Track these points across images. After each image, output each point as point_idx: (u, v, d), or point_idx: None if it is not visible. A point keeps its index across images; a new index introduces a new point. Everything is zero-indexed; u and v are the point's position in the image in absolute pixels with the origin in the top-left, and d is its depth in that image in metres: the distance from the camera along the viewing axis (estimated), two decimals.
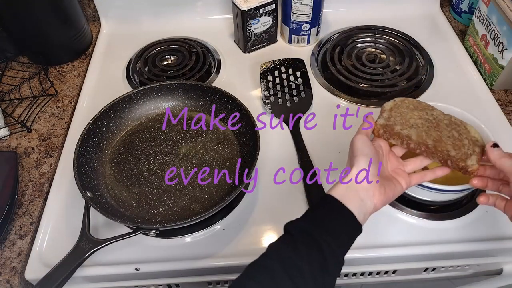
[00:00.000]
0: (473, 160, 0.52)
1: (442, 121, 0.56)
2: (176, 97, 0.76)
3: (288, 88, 0.81)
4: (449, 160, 0.53)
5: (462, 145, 0.54)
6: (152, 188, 0.66)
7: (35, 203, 0.67)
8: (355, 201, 0.47)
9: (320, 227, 0.45)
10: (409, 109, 0.57)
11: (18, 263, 0.61)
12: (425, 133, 0.54)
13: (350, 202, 0.47)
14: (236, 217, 0.65)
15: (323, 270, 0.43)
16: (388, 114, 0.56)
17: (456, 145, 0.53)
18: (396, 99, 0.58)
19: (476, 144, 0.54)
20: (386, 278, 0.68)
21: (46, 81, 0.86)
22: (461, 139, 0.54)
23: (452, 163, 0.53)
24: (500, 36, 0.78)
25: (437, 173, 0.55)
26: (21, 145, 0.75)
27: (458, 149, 0.53)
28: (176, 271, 0.61)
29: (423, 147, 0.53)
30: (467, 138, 0.55)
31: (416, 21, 0.97)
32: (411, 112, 0.56)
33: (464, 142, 0.54)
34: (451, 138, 0.54)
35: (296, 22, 0.88)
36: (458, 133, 0.55)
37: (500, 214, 0.63)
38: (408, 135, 0.54)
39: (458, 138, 0.54)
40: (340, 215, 0.46)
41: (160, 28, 0.96)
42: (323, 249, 0.44)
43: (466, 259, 0.64)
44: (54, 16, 0.84)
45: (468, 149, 0.53)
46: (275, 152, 0.72)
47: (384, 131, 0.55)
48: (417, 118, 0.56)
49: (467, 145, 0.54)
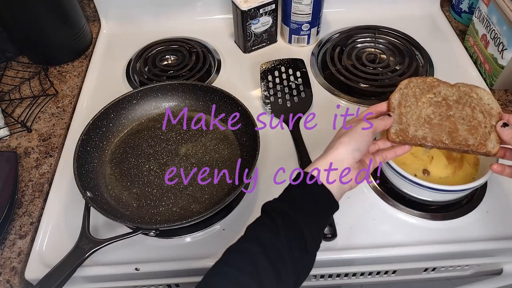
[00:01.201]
0: (493, 140, 0.52)
1: (452, 97, 0.55)
2: (176, 97, 0.76)
3: (288, 88, 0.81)
4: (470, 150, 0.52)
5: (478, 124, 0.53)
6: (152, 188, 0.66)
7: (35, 203, 0.67)
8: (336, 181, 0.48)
9: (299, 207, 0.45)
10: (416, 96, 0.55)
11: (18, 263, 0.61)
12: (439, 127, 0.53)
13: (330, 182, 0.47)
14: (236, 217, 0.65)
15: (303, 252, 0.44)
16: (398, 111, 0.54)
17: (472, 128, 0.52)
18: (401, 86, 0.56)
19: (491, 114, 0.53)
20: (386, 278, 0.68)
21: (46, 81, 0.86)
22: (474, 116, 0.53)
23: (474, 152, 0.52)
24: (500, 36, 0.78)
25: (397, 152, 0.55)
26: (21, 145, 0.75)
27: (476, 132, 0.52)
28: (176, 271, 0.61)
29: (441, 145, 0.53)
30: (480, 110, 0.53)
31: (416, 21, 0.97)
32: (419, 99, 0.55)
33: (479, 118, 0.53)
34: (466, 120, 0.53)
35: (296, 22, 0.88)
36: (471, 108, 0.54)
37: (500, 214, 0.63)
38: (424, 137, 0.53)
39: (471, 116, 0.53)
40: (321, 196, 0.47)
41: (160, 28, 0.96)
42: (304, 232, 0.44)
43: (466, 259, 0.64)
44: (54, 16, 0.84)
45: (486, 126, 0.52)
46: (275, 152, 0.72)
47: (400, 139, 0.54)
48: (428, 106, 0.54)
49: (482, 121, 0.53)
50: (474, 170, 0.63)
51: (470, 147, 0.52)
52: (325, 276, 0.66)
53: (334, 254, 0.60)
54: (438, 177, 0.63)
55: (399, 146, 0.55)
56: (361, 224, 0.63)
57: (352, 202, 0.65)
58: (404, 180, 0.59)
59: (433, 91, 0.55)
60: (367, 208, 0.65)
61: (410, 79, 0.56)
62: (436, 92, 0.55)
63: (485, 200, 0.65)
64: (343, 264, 0.63)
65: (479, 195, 0.66)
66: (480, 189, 0.66)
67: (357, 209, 0.65)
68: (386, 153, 0.55)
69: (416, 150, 0.64)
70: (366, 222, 0.63)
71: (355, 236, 0.62)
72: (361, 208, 0.65)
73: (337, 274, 0.66)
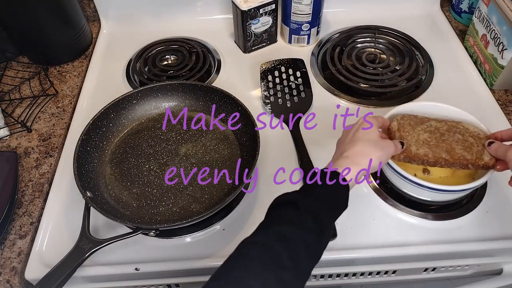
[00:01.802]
0: (488, 154, 0.58)
1: (442, 128, 0.61)
2: (176, 97, 0.76)
3: (288, 88, 0.81)
4: (470, 164, 0.58)
5: (471, 145, 0.59)
6: (152, 188, 0.66)
7: (35, 203, 0.67)
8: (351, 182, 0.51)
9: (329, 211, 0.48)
10: (411, 125, 0.61)
11: (18, 263, 0.61)
12: (437, 147, 0.59)
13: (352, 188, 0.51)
14: (236, 217, 0.65)
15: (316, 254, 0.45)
16: (399, 135, 0.60)
17: (467, 147, 0.59)
18: (397, 117, 0.62)
19: (480, 137, 0.60)
20: (386, 278, 0.68)
21: (46, 81, 0.86)
22: (466, 139, 0.60)
23: (473, 165, 0.58)
24: (500, 36, 0.78)
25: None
26: (21, 145, 0.75)
27: (471, 150, 0.58)
28: (176, 271, 0.61)
29: (442, 161, 0.58)
30: (470, 135, 0.60)
31: (416, 21, 0.97)
32: (415, 128, 0.61)
33: (470, 140, 0.59)
34: (459, 142, 0.59)
35: (296, 22, 0.88)
36: (461, 134, 0.60)
37: (500, 214, 0.63)
38: (426, 154, 0.58)
39: (463, 139, 0.60)
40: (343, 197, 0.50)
41: (160, 28, 0.96)
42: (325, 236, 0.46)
43: (466, 259, 0.64)
44: (54, 16, 0.84)
45: (478, 145, 0.59)
46: (275, 152, 0.72)
47: (404, 156, 0.58)
48: (424, 133, 0.60)
49: (474, 143, 0.59)
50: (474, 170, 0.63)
51: (469, 161, 0.57)
52: (325, 276, 0.66)
53: (334, 254, 0.60)
54: (438, 176, 0.63)
55: None
56: (361, 224, 0.63)
57: (352, 202, 0.64)
58: (404, 180, 0.59)
59: (425, 124, 0.62)
60: (367, 208, 0.65)
61: (403, 115, 0.63)
62: (428, 124, 0.62)
63: (485, 200, 0.65)
64: (343, 264, 0.63)
65: (479, 195, 0.66)
66: (480, 189, 0.66)
67: (357, 209, 0.65)
68: None
69: None
70: (366, 222, 0.63)
71: (355, 236, 0.62)
72: (361, 208, 0.65)
73: (337, 274, 0.66)
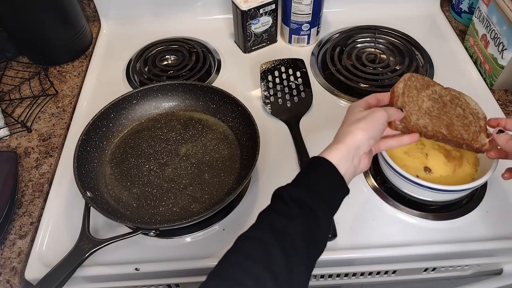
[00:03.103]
0: (483, 137, 0.56)
1: (446, 97, 0.59)
2: (176, 97, 0.76)
3: (288, 88, 0.81)
4: (464, 144, 0.56)
5: (469, 123, 0.57)
6: (152, 188, 0.66)
7: (35, 203, 0.67)
8: (350, 168, 0.48)
9: (317, 196, 0.45)
10: (417, 89, 0.58)
11: (18, 263, 0.61)
12: (438, 119, 0.56)
13: (345, 168, 0.47)
14: (236, 217, 0.65)
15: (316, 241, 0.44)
16: (402, 100, 0.56)
17: (465, 125, 0.57)
18: (405, 77, 0.58)
19: (478, 117, 0.58)
20: (386, 278, 0.68)
21: (46, 81, 0.86)
22: (466, 115, 0.58)
23: (467, 146, 0.56)
24: (500, 36, 0.78)
25: (403, 141, 0.54)
26: (21, 145, 0.75)
27: (468, 129, 0.56)
28: (176, 271, 0.61)
29: (440, 136, 0.55)
30: (470, 112, 0.58)
31: (416, 21, 0.97)
32: (420, 93, 0.57)
33: (469, 118, 0.58)
34: (459, 118, 0.57)
35: (296, 22, 0.88)
36: (462, 109, 0.58)
37: (500, 214, 0.63)
38: (425, 126, 0.55)
39: (463, 115, 0.58)
40: (335, 182, 0.47)
41: (160, 28, 0.96)
42: (320, 220, 0.44)
43: (466, 259, 0.64)
44: (54, 16, 0.84)
45: (475, 126, 0.57)
46: (275, 152, 0.72)
47: (403, 125, 0.54)
48: (427, 100, 0.57)
49: (473, 121, 0.57)
50: (474, 170, 0.63)
51: (465, 141, 0.56)
52: (325, 276, 0.66)
53: (334, 254, 0.60)
54: (439, 174, 0.63)
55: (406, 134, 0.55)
56: (361, 224, 0.63)
57: (352, 202, 0.65)
58: (404, 180, 0.59)
59: (430, 89, 0.59)
60: (367, 208, 0.65)
61: (412, 73, 0.59)
62: (433, 90, 0.59)
63: (485, 200, 0.65)
64: (343, 264, 0.63)
65: (479, 195, 0.66)
66: (480, 189, 0.66)
67: (357, 209, 0.65)
68: (393, 140, 0.55)
69: (410, 149, 0.65)
70: (366, 222, 0.63)
71: (355, 236, 0.62)
72: (361, 208, 0.65)
73: (337, 274, 0.66)
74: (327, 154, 0.48)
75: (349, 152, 0.48)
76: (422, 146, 0.65)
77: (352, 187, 0.49)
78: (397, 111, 0.53)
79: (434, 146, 0.65)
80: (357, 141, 0.48)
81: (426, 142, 0.66)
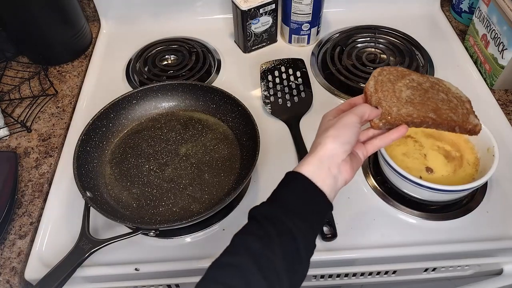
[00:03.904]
0: (473, 118, 0.55)
1: (425, 84, 0.55)
2: (176, 97, 0.76)
3: (288, 88, 0.81)
4: (456, 127, 0.53)
5: (455, 106, 0.54)
6: (152, 188, 0.66)
7: (35, 203, 0.67)
8: (328, 179, 0.45)
9: (291, 212, 0.42)
10: (391, 81, 0.54)
11: (18, 263, 0.61)
12: (422, 105, 0.52)
13: (322, 180, 0.44)
14: (236, 217, 0.65)
15: (296, 261, 0.41)
16: (376, 97, 0.53)
17: (452, 108, 0.54)
18: (374, 74, 0.55)
19: (463, 100, 0.56)
20: (386, 278, 0.67)
21: (46, 81, 0.86)
22: (450, 99, 0.55)
23: (460, 129, 0.54)
24: (500, 36, 0.78)
25: (391, 137, 0.51)
26: (21, 145, 0.75)
27: (456, 111, 0.54)
28: (176, 271, 0.61)
29: (429, 121, 0.52)
30: (453, 96, 0.56)
31: (416, 21, 0.97)
32: (395, 84, 0.54)
33: (454, 101, 0.55)
34: (444, 102, 0.54)
35: (296, 22, 0.88)
36: (444, 93, 0.55)
37: (500, 214, 0.63)
38: (409, 114, 0.51)
39: (447, 99, 0.55)
40: (312, 196, 0.44)
41: (160, 28, 0.96)
42: (296, 239, 0.41)
43: (466, 259, 0.64)
44: (54, 16, 0.84)
45: (462, 108, 0.55)
46: (275, 152, 0.72)
47: (383, 122, 0.51)
48: (406, 89, 0.54)
49: (458, 104, 0.55)
50: (474, 170, 0.63)
51: (457, 123, 0.53)
52: (325, 276, 0.66)
53: (334, 254, 0.60)
54: (441, 174, 0.63)
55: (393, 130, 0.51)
56: (361, 224, 0.63)
57: (352, 202, 0.65)
58: (404, 180, 0.59)
59: (406, 78, 0.55)
60: (367, 208, 0.65)
61: (382, 67, 0.56)
62: (410, 79, 0.56)
63: (485, 200, 0.65)
64: (343, 264, 0.63)
65: (479, 195, 0.66)
66: (480, 189, 0.66)
67: (357, 209, 0.65)
68: (379, 140, 0.52)
69: (408, 150, 0.65)
70: (366, 222, 0.63)
71: (355, 236, 0.62)
72: (361, 208, 0.65)
73: (337, 274, 0.66)
74: (300, 167, 0.45)
75: (322, 162, 0.45)
76: (420, 147, 0.65)
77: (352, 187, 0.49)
78: (370, 108, 0.50)
79: (433, 147, 0.65)
80: (328, 150, 0.46)
81: (423, 143, 0.66)
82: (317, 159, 0.45)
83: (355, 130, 0.47)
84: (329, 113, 0.52)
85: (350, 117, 0.48)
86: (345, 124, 0.47)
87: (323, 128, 0.49)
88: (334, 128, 0.47)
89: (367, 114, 0.50)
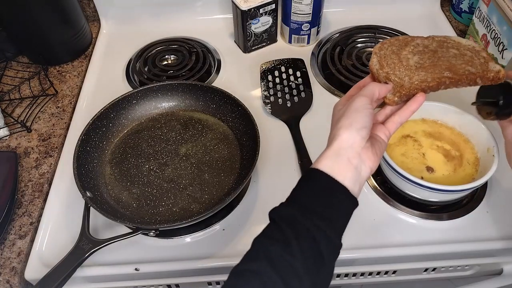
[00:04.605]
0: (493, 65, 0.50)
1: (432, 45, 0.52)
2: (176, 97, 0.76)
3: (288, 88, 0.81)
4: (477, 78, 0.49)
5: (471, 58, 0.50)
6: (152, 188, 0.66)
7: (35, 203, 0.67)
8: (349, 171, 0.42)
9: (310, 212, 0.40)
10: (395, 52, 0.51)
11: (18, 263, 0.61)
12: (435, 67, 0.49)
13: (342, 174, 0.41)
14: (236, 217, 0.65)
15: (318, 263, 0.38)
16: (383, 73, 0.50)
17: (468, 61, 0.50)
18: (375, 50, 0.52)
19: (477, 50, 0.52)
20: (386, 278, 0.67)
21: (46, 81, 0.86)
22: (463, 53, 0.51)
23: (482, 79, 0.49)
24: (500, 36, 0.78)
25: (411, 108, 0.48)
26: (21, 145, 0.75)
27: (472, 63, 0.50)
28: (176, 271, 0.61)
29: (446, 81, 0.49)
30: (466, 49, 0.52)
31: (416, 21, 0.97)
32: (400, 54, 0.51)
33: (468, 54, 0.51)
34: (458, 57, 0.50)
35: (296, 22, 0.88)
36: (455, 49, 0.52)
37: (500, 214, 0.63)
38: (423, 80, 0.48)
39: (460, 54, 0.51)
40: (331, 192, 0.41)
41: (160, 28, 0.96)
42: (317, 239, 0.38)
43: (466, 259, 0.64)
44: (54, 16, 0.84)
45: (479, 58, 0.50)
46: (275, 152, 0.72)
47: (397, 96, 0.48)
48: (412, 56, 0.51)
49: (473, 56, 0.51)
50: (474, 170, 0.63)
51: (477, 75, 0.49)
52: None
53: None
54: (442, 173, 0.63)
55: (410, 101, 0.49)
56: (361, 224, 0.63)
57: None
58: (404, 180, 0.59)
59: (410, 45, 0.52)
60: (367, 208, 0.65)
61: (382, 42, 0.53)
62: (414, 44, 0.52)
63: (485, 200, 0.65)
64: (343, 264, 0.63)
65: (479, 195, 0.66)
66: (480, 189, 0.66)
67: (357, 209, 0.64)
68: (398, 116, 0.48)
69: (406, 150, 0.65)
70: (366, 222, 0.63)
71: (355, 236, 0.62)
72: (361, 208, 0.64)
73: (337, 274, 0.66)
74: (317, 163, 0.43)
75: (339, 155, 0.42)
76: (419, 146, 0.65)
77: None
78: (378, 85, 0.47)
79: (432, 146, 0.65)
80: (344, 140, 0.43)
81: (423, 142, 0.66)
82: (334, 152, 0.42)
83: (367, 112, 0.44)
84: (339, 102, 0.49)
85: (359, 100, 0.45)
86: (355, 109, 0.44)
87: (335, 119, 0.47)
88: (345, 117, 0.44)
89: (377, 92, 0.47)
